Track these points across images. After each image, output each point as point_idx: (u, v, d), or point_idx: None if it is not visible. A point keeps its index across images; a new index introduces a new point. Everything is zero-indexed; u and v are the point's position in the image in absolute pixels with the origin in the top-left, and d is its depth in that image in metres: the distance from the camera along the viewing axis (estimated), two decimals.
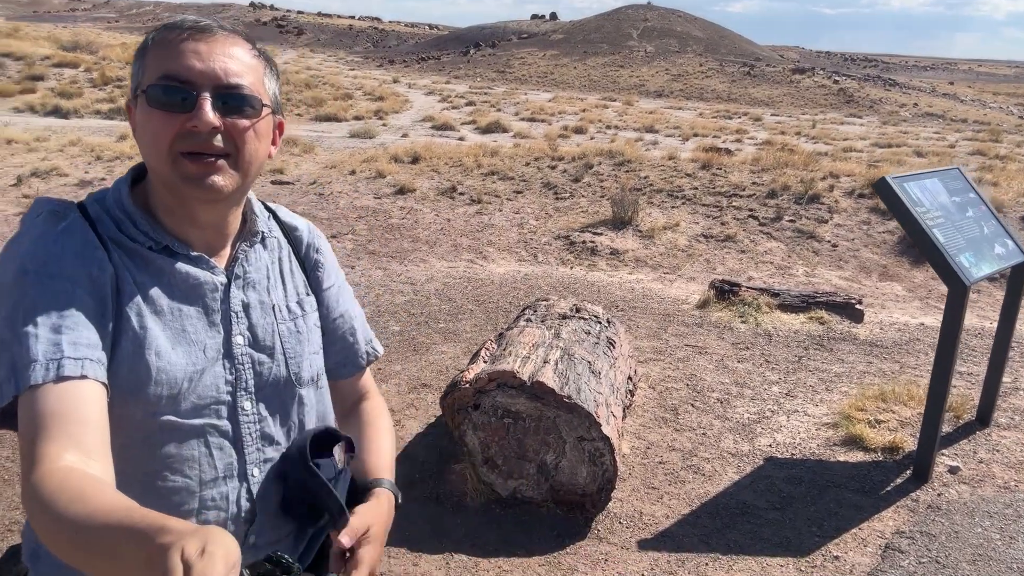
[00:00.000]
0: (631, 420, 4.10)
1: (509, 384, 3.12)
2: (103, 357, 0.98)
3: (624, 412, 3.88)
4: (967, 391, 4.62)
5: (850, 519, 3.31)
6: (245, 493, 1.12)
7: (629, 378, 4.08)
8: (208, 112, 1.01)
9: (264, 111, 1.09)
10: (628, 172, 10.24)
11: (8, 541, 2.86)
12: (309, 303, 1.25)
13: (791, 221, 8.67)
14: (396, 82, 28.68)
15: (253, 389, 1.13)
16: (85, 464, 0.89)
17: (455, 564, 2.90)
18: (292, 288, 1.23)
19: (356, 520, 1.08)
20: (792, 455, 3.85)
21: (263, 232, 1.21)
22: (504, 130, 16.77)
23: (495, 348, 3.55)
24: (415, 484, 3.43)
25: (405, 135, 15.02)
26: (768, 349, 5.37)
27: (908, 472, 3.67)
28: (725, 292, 6.34)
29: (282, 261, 1.24)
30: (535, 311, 4.15)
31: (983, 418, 4.22)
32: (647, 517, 3.28)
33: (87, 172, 9.41)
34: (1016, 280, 4.06)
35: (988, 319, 6.30)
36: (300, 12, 71.95)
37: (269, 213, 1.27)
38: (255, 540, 1.14)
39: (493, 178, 9.72)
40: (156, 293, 1.06)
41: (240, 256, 1.16)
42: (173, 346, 1.05)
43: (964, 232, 3.72)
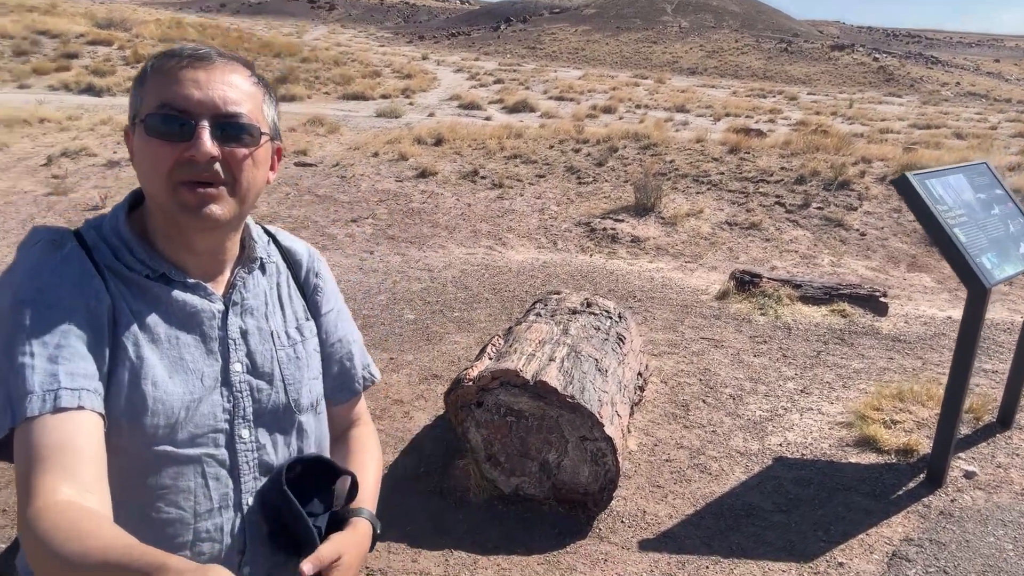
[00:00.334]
0: (640, 416, 4.08)
1: (512, 383, 3.11)
2: (100, 388, 0.98)
3: (632, 409, 3.86)
4: (990, 390, 4.50)
5: (858, 524, 3.26)
6: (239, 523, 1.11)
7: (639, 374, 4.05)
8: (206, 141, 1.01)
9: (263, 139, 1.09)
10: (653, 156, 10.10)
11: None
12: (309, 328, 1.25)
13: (819, 208, 8.49)
14: (425, 59, 28.58)
15: (251, 417, 1.13)
16: (82, 497, 0.89)
17: (454, 561, 2.92)
18: (291, 313, 1.23)
19: (326, 547, 1.06)
20: (802, 455, 3.80)
21: (262, 258, 1.21)
22: (531, 109, 16.65)
23: (502, 344, 3.54)
24: (420, 477, 3.45)
25: (431, 114, 14.98)
26: (786, 343, 5.29)
27: (922, 476, 3.60)
28: (745, 283, 6.25)
29: (280, 287, 1.23)
30: (545, 305, 4.12)
31: (1005, 420, 4.11)
32: (650, 516, 3.26)
33: (115, 152, 9.55)
34: None
35: (1020, 312, 6.13)
36: None
37: (269, 237, 1.27)
38: (248, 571, 1.13)
39: (516, 161, 9.66)
40: (153, 322, 1.06)
41: (238, 283, 1.16)
42: (170, 375, 1.05)
43: (988, 231, 3.60)
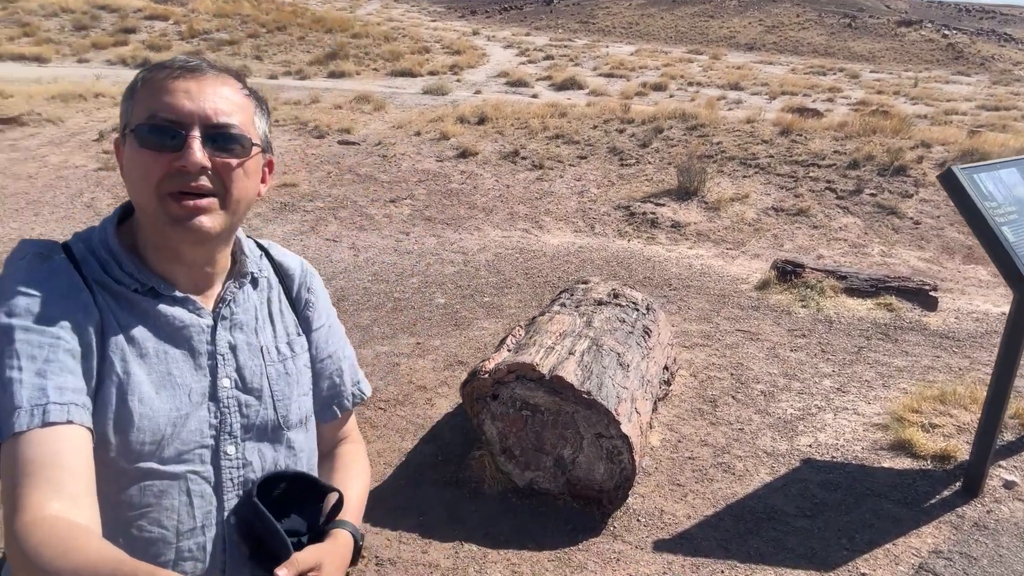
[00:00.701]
0: (665, 410, 4.00)
1: (528, 377, 3.07)
2: (88, 402, 0.98)
3: (656, 404, 3.78)
4: None
5: (885, 532, 3.14)
6: (221, 542, 1.11)
7: (665, 367, 3.96)
8: (196, 152, 1.00)
9: (254, 150, 1.08)
10: (700, 137, 9.85)
11: None
12: (300, 343, 1.24)
13: (872, 195, 8.17)
14: (476, 34, 28.39)
15: (238, 433, 1.12)
16: (70, 512, 0.89)
17: (464, 554, 2.91)
18: (282, 328, 1.22)
19: (303, 555, 1.04)
20: (832, 458, 3.67)
21: (252, 273, 1.20)
22: (579, 87, 16.41)
23: (522, 335, 3.49)
24: (437, 466, 3.45)
25: (478, 91, 14.90)
26: (826, 338, 5.11)
27: (958, 484, 3.45)
28: (787, 273, 6.06)
29: (272, 301, 1.22)
30: (571, 295, 4.06)
31: None
32: (667, 516, 3.20)
33: None
34: None
35: None
36: None
37: (261, 251, 1.26)
38: None
39: (558, 142, 9.53)
40: (141, 336, 1.05)
41: (228, 297, 1.15)
42: (158, 390, 1.05)
43: None
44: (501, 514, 3.15)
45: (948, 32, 33.19)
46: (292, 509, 1.13)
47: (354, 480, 1.29)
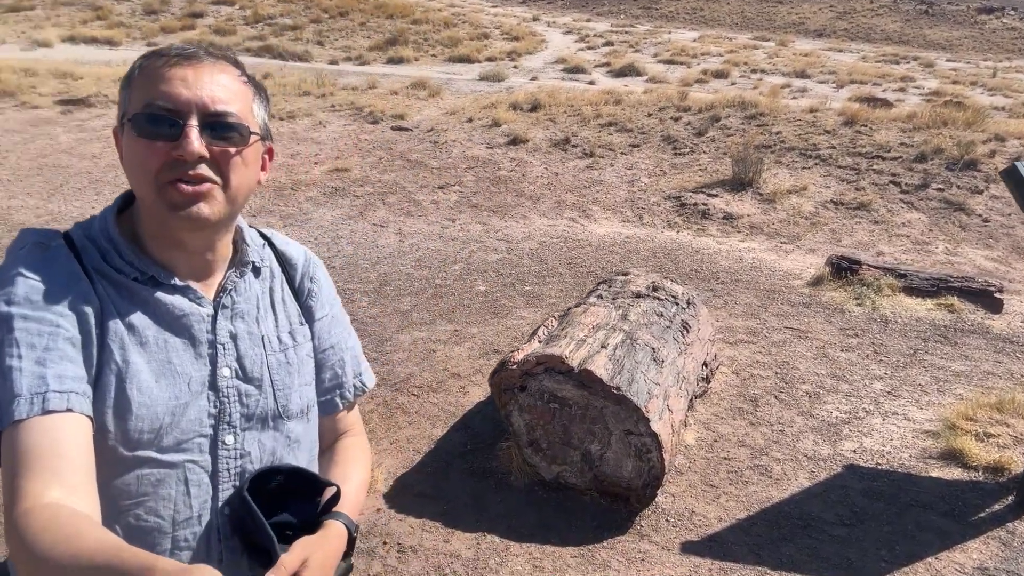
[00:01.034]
0: (703, 408, 3.89)
1: (557, 369, 3.02)
2: (88, 390, 0.98)
3: (692, 402, 3.68)
4: None
5: (928, 546, 2.99)
6: (217, 532, 1.10)
7: (705, 364, 3.85)
8: (194, 141, 1.00)
9: (252, 138, 1.07)
10: (759, 126, 9.55)
11: None
12: (302, 333, 1.23)
13: (939, 190, 7.80)
14: (536, 20, 28.18)
15: (238, 423, 1.11)
16: (70, 500, 0.89)
17: (486, 545, 2.89)
18: (284, 318, 1.21)
19: (289, 556, 1.00)
20: (877, 464, 3.52)
21: (254, 262, 1.19)
22: (638, 73, 16.13)
23: (554, 326, 3.44)
24: (465, 455, 3.44)
25: (534, 78, 14.79)
26: (881, 338, 4.90)
27: (1010, 498, 3.26)
28: (843, 269, 5.84)
29: (274, 291, 1.22)
30: (609, 287, 3.98)
31: None
32: (698, 517, 3.12)
33: None
34: None
35: None
36: None
37: (264, 241, 1.25)
38: None
39: (610, 129, 9.38)
40: (141, 325, 1.06)
41: (229, 286, 1.15)
42: (157, 379, 1.05)
43: None
44: (526, 507, 3.12)
45: None
46: (289, 502, 1.12)
47: (353, 474, 1.28)
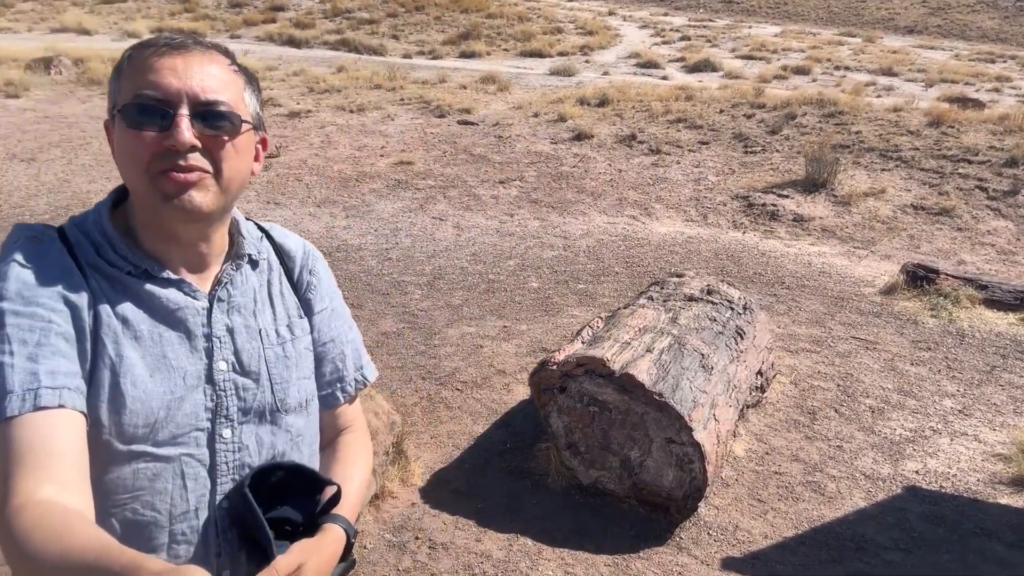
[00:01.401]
0: (757, 419, 3.73)
1: (598, 372, 2.94)
2: (82, 386, 0.98)
3: (744, 411, 3.54)
4: None
5: None
6: (214, 526, 1.09)
7: (759, 372, 3.69)
8: (185, 130, 0.99)
9: (244, 127, 1.06)
10: (837, 125, 9.15)
11: None
12: (301, 326, 1.21)
13: None
14: (611, 14, 27.84)
15: (235, 416, 1.10)
16: (62, 497, 0.89)
17: (518, 547, 2.84)
18: (282, 311, 1.20)
19: (284, 559, 0.99)
20: (941, 487, 3.30)
21: (251, 254, 1.18)
22: (714, 69, 15.73)
23: (599, 327, 3.35)
24: (504, 454, 3.39)
25: (606, 73, 14.60)
26: (955, 352, 4.61)
27: None
28: (919, 278, 5.52)
29: (272, 284, 1.20)
30: (661, 288, 3.86)
31: None
32: (742, 533, 2.98)
33: (298, 103, 10.19)
34: None
35: None
36: None
37: (262, 233, 1.24)
38: (228, 575, 1.10)
39: (679, 126, 9.15)
40: (136, 319, 1.05)
41: (225, 279, 1.14)
42: (152, 373, 1.04)
43: None
44: (562, 510, 3.05)
45: None
46: (289, 497, 1.10)
47: (355, 474, 1.25)
